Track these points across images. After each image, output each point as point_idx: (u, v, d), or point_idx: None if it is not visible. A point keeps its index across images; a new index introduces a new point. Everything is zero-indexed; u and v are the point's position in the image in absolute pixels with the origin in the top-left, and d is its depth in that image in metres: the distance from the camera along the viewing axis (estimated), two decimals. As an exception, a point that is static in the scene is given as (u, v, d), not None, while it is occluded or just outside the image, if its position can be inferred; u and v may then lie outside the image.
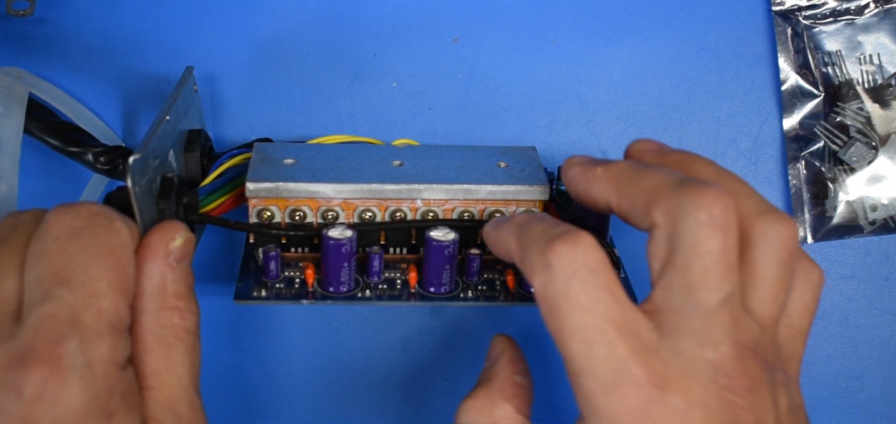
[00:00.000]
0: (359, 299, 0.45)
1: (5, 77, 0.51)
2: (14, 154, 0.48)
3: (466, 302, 0.46)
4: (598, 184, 0.40)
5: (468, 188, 0.46)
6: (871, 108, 0.55)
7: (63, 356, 0.33)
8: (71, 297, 0.34)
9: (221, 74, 0.55)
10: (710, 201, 0.35)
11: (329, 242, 0.44)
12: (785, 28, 0.55)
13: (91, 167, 0.51)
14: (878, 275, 0.57)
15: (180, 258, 0.40)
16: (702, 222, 0.35)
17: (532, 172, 0.47)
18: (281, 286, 0.46)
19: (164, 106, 0.45)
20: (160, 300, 0.39)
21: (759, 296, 0.37)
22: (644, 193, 0.37)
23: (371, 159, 0.48)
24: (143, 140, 0.41)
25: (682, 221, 0.35)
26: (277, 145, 0.49)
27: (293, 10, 0.55)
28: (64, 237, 0.36)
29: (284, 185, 0.45)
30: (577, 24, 0.56)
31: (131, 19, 0.55)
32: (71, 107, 0.53)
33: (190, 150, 0.48)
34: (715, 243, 0.35)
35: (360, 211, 0.46)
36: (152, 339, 0.38)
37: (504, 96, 0.56)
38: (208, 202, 0.47)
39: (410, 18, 0.56)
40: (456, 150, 0.50)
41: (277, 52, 0.55)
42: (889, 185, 0.55)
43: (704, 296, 0.35)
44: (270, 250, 0.45)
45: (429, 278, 0.46)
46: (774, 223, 0.37)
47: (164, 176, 0.44)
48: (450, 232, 0.45)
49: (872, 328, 0.57)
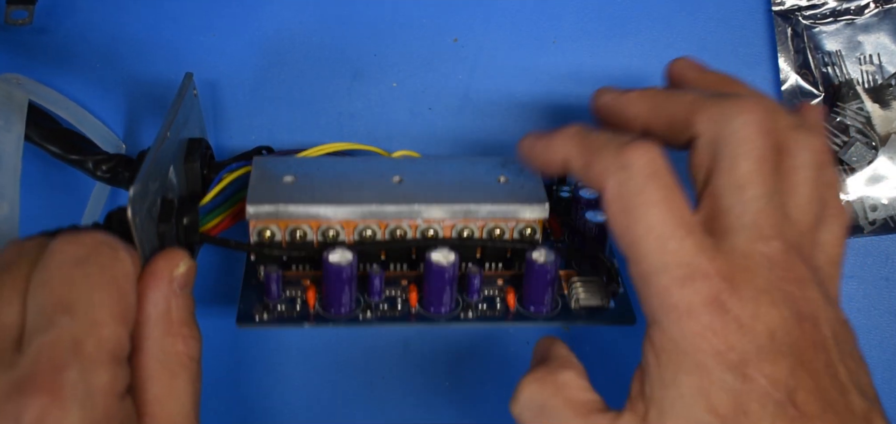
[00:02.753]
0: (360, 321, 0.46)
1: (4, 85, 0.50)
2: (15, 169, 0.48)
3: (467, 323, 0.46)
4: (633, 105, 0.43)
5: (468, 209, 0.46)
6: (871, 108, 0.55)
7: (64, 385, 0.33)
8: (73, 325, 0.34)
9: (222, 75, 0.55)
10: (751, 106, 0.38)
11: (330, 267, 0.44)
12: (785, 28, 0.55)
13: (92, 175, 0.51)
14: (878, 275, 0.57)
15: (184, 285, 0.40)
16: (745, 123, 0.38)
17: (532, 188, 0.47)
18: (283, 307, 0.46)
19: (164, 123, 0.45)
20: (164, 326, 0.39)
21: (794, 203, 0.39)
22: (684, 106, 0.40)
23: (370, 175, 0.48)
24: (142, 167, 0.41)
25: (725, 125, 0.38)
26: (276, 160, 0.49)
27: (293, 10, 0.55)
28: (68, 266, 0.36)
29: (284, 207, 0.45)
30: (577, 24, 0.56)
31: (131, 23, 0.54)
32: (71, 111, 0.53)
33: (190, 160, 0.49)
34: (758, 142, 0.38)
35: (361, 229, 0.46)
36: (156, 366, 0.39)
37: (504, 96, 0.56)
38: (208, 220, 0.47)
39: (410, 18, 0.55)
40: (456, 162, 0.50)
41: (277, 51, 0.55)
42: (889, 185, 0.55)
43: (752, 192, 0.37)
44: (272, 271, 0.45)
45: (429, 298, 0.46)
46: (808, 135, 0.40)
47: (164, 198, 0.44)
48: (450, 253, 0.45)
49: (872, 329, 0.58)
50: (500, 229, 0.47)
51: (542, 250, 0.45)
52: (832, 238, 0.41)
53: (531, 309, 0.46)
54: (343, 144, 0.53)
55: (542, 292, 0.46)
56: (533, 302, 0.46)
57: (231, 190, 0.49)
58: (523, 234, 0.47)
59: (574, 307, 0.47)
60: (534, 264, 0.45)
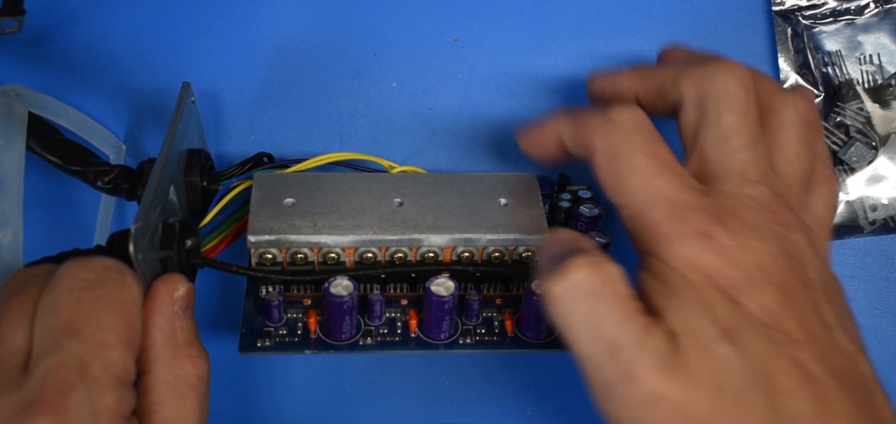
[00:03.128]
0: (360, 347, 0.46)
1: (4, 99, 0.50)
2: (18, 193, 0.48)
3: (466, 350, 0.47)
4: (624, 80, 0.46)
5: (468, 238, 0.46)
6: (871, 108, 0.55)
7: (70, 407, 0.33)
8: (80, 347, 0.35)
9: (222, 78, 0.55)
10: (733, 66, 0.41)
11: (331, 298, 0.44)
12: (785, 28, 0.55)
13: (92, 186, 0.51)
14: (878, 275, 0.57)
15: (185, 308, 0.41)
16: (728, 80, 0.40)
17: (532, 216, 0.48)
18: (284, 332, 0.46)
19: (163, 146, 0.44)
20: (172, 349, 0.40)
21: (782, 157, 0.41)
22: (670, 73, 0.43)
23: (371, 196, 0.48)
24: (143, 201, 0.41)
25: (709, 84, 0.41)
26: (277, 178, 0.49)
27: (293, 10, 0.55)
28: (77, 289, 0.36)
29: (285, 237, 0.45)
30: (577, 24, 0.55)
31: (130, 29, 0.54)
32: (71, 117, 0.53)
33: (190, 174, 0.49)
34: (740, 97, 0.40)
35: (361, 252, 0.46)
36: (166, 388, 0.39)
37: (504, 96, 0.56)
38: (209, 240, 0.48)
39: (410, 18, 0.55)
40: (457, 180, 0.50)
41: (277, 52, 0.55)
42: (889, 185, 0.55)
43: (738, 141, 0.40)
44: (273, 298, 0.46)
45: (429, 325, 0.46)
46: (794, 95, 0.43)
47: (165, 222, 0.44)
48: (449, 283, 0.45)
49: (872, 329, 0.58)
50: (500, 252, 0.47)
51: (540, 281, 0.46)
52: (822, 202, 0.43)
53: (528, 335, 0.47)
54: (344, 155, 0.52)
55: (539, 321, 0.46)
56: (530, 329, 0.47)
57: (231, 208, 0.49)
58: (523, 259, 0.47)
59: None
60: (532, 294, 0.45)
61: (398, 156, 0.55)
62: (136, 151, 0.55)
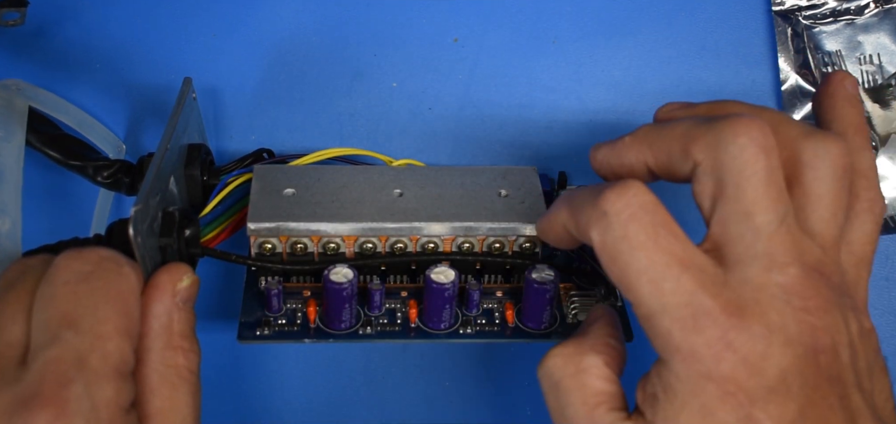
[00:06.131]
0: (360, 336, 0.46)
1: (4, 93, 0.50)
2: (17, 183, 0.48)
3: (466, 339, 0.47)
4: (629, 151, 0.40)
5: (468, 226, 0.46)
6: (871, 108, 0.55)
7: (69, 399, 0.33)
8: (78, 340, 0.35)
9: (222, 77, 0.55)
10: (745, 126, 0.35)
11: (330, 285, 0.44)
12: (785, 28, 0.55)
13: (92, 181, 0.51)
14: (878, 275, 0.57)
15: (186, 299, 0.40)
16: (744, 146, 0.35)
17: (532, 203, 0.48)
18: (283, 321, 0.46)
19: (164, 135, 0.45)
20: (166, 339, 0.39)
21: (817, 216, 0.37)
22: (678, 138, 0.37)
23: (371, 187, 0.48)
24: (143, 186, 0.41)
25: (723, 150, 0.35)
26: (277, 170, 0.49)
27: (293, 11, 0.55)
28: (73, 281, 0.36)
29: (285, 224, 0.45)
30: (577, 24, 0.56)
31: (130, 26, 0.54)
32: (71, 114, 0.53)
33: (190, 167, 0.49)
34: (760, 163, 0.35)
35: (361, 242, 0.46)
36: (157, 379, 0.39)
37: (504, 96, 0.56)
38: (209, 231, 0.48)
39: (410, 18, 0.55)
40: (456, 173, 0.50)
41: (277, 52, 0.55)
42: (889, 185, 0.55)
43: (762, 218, 0.35)
44: (273, 286, 0.46)
45: (429, 314, 0.46)
46: (824, 142, 0.37)
47: (165, 210, 0.44)
48: (449, 272, 0.45)
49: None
50: (500, 243, 0.47)
51: (541, 270, 0.46)
52: (862, 236, 0.39)
53: (529, 326, 0.47)
54: (343, 150, 0.53)
55: (540, 310, 0.46)
56: (531, 319, 0.47)
57: (231, 200, 0.49)
58: (523, 249, 0.47)
59: (571, 321, 0.47)
60: (533, 283, 0.45)
61: (398, 155, 0.54)
62: (135, 149, 0.55)
